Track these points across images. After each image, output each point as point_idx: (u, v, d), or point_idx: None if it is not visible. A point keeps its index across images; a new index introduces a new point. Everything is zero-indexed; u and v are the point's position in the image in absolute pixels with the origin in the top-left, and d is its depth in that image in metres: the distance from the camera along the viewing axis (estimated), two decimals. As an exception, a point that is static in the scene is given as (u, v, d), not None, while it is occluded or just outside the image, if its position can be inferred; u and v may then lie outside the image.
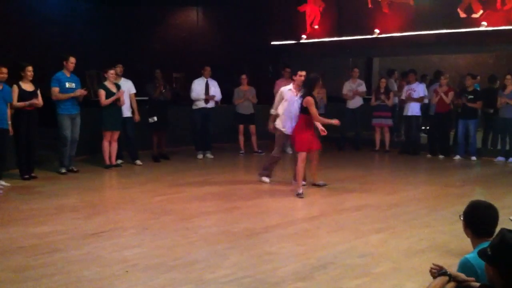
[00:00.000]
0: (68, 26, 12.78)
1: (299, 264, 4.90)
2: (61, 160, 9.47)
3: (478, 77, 14.39)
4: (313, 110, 7.82)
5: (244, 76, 12.09)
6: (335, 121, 7.99)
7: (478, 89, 12.82)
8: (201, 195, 7.97)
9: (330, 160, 11.58)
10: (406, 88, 12.42)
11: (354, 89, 13.07)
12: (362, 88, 13.18)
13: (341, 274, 4.66)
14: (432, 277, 3.04)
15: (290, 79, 12.43)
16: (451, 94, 11.71)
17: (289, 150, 12.46)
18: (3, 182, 8.22)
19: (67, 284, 4.36)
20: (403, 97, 12.50)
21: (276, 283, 4.42)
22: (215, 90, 11.59)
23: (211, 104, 11.56)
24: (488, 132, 12.29)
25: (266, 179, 8.82)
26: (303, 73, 8.36)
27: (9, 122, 8.26)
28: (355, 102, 13.14)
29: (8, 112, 8.26)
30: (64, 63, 9.36)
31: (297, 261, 5.01)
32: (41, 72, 9.34)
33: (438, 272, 2.98)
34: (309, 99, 7.81)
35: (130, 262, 4.89)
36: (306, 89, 8.00)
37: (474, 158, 11.47)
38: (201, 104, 11.46)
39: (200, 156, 11.61)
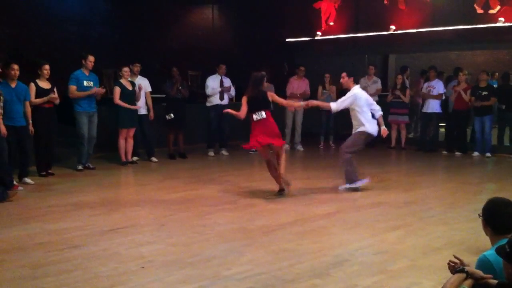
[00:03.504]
0: (86, 25, 12.86)
1: (315, 261, 4.90)
2: (79, 157, 9.56)
3: (496, 74, 14.26)
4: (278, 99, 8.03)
5: (264, 73, 12.05)
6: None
7: (495, 86, 12.71)
8: (216, 192, 7.99)
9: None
10: (425, 85, 12.33)
11: (369, 86, 13.02)
12: (378, 85, 13.11)
13: (357, 271, 4.65)
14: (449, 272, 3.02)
15: (304, 77, 12.49)
16: (469, 91, 11.61)
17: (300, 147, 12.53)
18: (28, 180, 8.31)
19: (85, 280, 4.40)
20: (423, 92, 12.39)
21: (292, 280, 4.42)
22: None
23: (226, 101, 11.58)
24: (503, 129, 12.20)
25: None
26: (343, 74, 8.16)
27: (30, 121, 8.33)
28: None
29: (28, 110, 8.33)
30: (83, 61, 9.43)
31: (313, 258, 5.00)
32: (59, 70, 9.41)
33: (456, 267, 2.96)
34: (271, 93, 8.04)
35: (146, 259, 4.92)
36: (256, 86, 7.81)
37: (488, 154, 11.37)
38: (215, 101, 11.48)
39: (211, 153, 11.63)
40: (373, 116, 8.08)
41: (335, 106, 8.01)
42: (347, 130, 13.17)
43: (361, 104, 7.94)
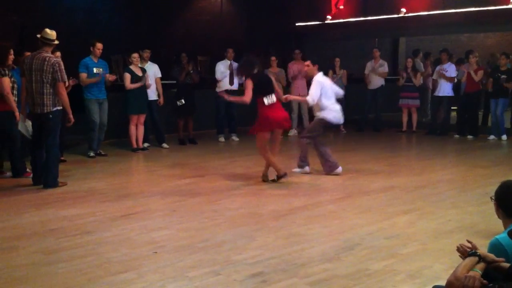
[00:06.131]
0: (93, 13, 12.84)
1: (326, 246, 4.91)
2: (90, 144, 9.61)
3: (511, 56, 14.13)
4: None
5: (273, 58, 12.02)
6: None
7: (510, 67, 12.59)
8: (227, 177, 8.00)
9: (356, 141, 11.56)
10: (437, 68, 12.24)
11: (375, 70, 12.94)
12: (384, 68, 13.02)
13: (368, 255, 4.65)
14: (460, 255, 3.02)
15: (302, 60, 12.39)
16: (480, 73, 11.53)
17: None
18: None
19: (97, 265, 4.44)
20: (434, 77, 12.34)
21: (302, 264, 4.44)
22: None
23: (235, 86, 11.56)
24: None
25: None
26: (307, 62, 8.36)
27: None
28: (376, 83, 13.01)
29: None
30: (91, 48, 9.45)
31: (324, 242, 5.01)
32: (68, 58, 9.40)
33: (468, 251, 2.95)
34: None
35: (158, 244, 4.96)
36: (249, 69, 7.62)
37: (504, 137, 11.31)
38: (225, 86, 11.46)
39: (222, 139, 11.65)
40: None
41: (311, 99, 7.94)
42: (357, 115, 13.25)
43: (326, 90, 8.00)
